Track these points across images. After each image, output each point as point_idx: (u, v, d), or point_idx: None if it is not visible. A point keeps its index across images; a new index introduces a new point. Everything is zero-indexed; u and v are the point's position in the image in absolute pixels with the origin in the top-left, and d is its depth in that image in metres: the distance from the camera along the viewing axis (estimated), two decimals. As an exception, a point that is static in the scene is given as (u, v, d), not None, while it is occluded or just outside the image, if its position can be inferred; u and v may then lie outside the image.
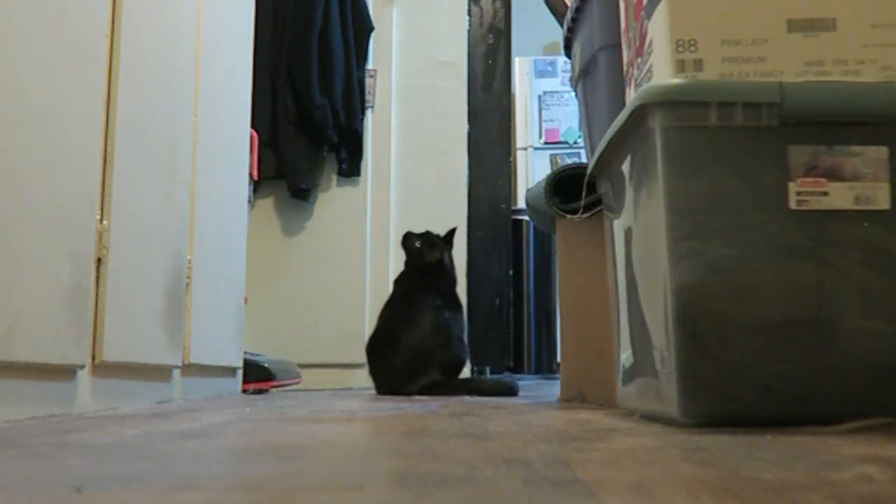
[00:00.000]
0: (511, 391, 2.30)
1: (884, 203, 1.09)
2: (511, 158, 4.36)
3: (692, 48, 1.15)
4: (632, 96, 1.27)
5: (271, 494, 0.55)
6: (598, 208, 1.65)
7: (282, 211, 3.83)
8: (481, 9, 4.27)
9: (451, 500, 0.53)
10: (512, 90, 4.47)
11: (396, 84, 4.05)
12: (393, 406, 1.69)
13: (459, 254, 4.01)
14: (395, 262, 3.91)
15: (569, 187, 1.77)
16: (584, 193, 1.64)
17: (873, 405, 1.04)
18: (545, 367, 4.36)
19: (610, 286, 1.58)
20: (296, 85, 3.65)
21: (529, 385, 3.37)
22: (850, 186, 1.09)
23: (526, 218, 4.05)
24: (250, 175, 2.69)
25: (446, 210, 4.01)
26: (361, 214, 3.85)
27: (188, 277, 1.95)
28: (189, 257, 1.96)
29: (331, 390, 3.08)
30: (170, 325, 1.80)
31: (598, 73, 1.75)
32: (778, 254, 1.08)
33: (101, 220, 1.49)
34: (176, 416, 1.33)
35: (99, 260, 1.48)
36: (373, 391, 2.52)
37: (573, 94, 2.04)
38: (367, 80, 3.93)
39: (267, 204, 3.82)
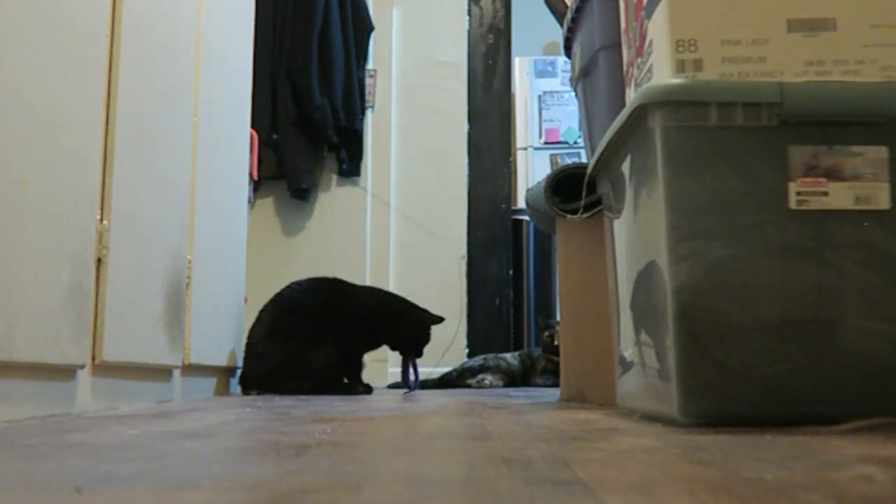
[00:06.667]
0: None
1: (884, 203, 1.09)
2: (511, 158, 4.36)
3: (692, 48, 1.15)
4: (632, 96, 1.27)
5: (271, 494, 0.55)
6: (598, 208, 1.65)
7: (282, 211, 3.83)
8: (481, 9, 4.27)
9: (452, 500, 0.53)
10: (512, 90, 4.47)
11: (396, 84, 4.05)
12: (393, 406, 1.70)
13: (460, 254, 4.02)
14: (395, 262, 3.92)
15: (569, 187, 1.76)
16: (584, 193, 1.64)
17: (873, 405, 1.04)
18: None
19: (610, 286, 1.58)
20: (296, 85, 3.65)
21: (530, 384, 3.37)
22: (850, 186, 1.09)
23: (526, 218, 4.05)
24: (250, 175, 2.69)
25: (446, 210, 4.01)
26: (361, 214, 3.85)
27: (188, 277, 1.95)
28: (189, 257, 1.96)
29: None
30: (170, 325, 1.80)
31: (598, 73, 1.75)
32: (778, 254, 1.08)
33: (101, 221, 1.49)
34: (176, 416, 1.33)
35: (99, 260, 1.48)
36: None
37: (573, 94, 2.04)
38: (367, 80, 3.93)
39: (267, 204, 3.82)
